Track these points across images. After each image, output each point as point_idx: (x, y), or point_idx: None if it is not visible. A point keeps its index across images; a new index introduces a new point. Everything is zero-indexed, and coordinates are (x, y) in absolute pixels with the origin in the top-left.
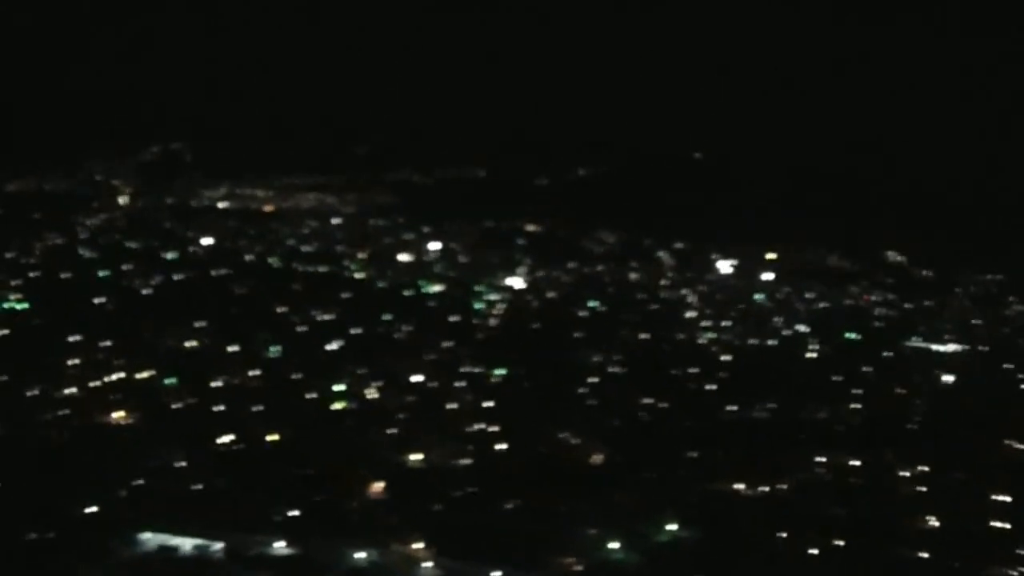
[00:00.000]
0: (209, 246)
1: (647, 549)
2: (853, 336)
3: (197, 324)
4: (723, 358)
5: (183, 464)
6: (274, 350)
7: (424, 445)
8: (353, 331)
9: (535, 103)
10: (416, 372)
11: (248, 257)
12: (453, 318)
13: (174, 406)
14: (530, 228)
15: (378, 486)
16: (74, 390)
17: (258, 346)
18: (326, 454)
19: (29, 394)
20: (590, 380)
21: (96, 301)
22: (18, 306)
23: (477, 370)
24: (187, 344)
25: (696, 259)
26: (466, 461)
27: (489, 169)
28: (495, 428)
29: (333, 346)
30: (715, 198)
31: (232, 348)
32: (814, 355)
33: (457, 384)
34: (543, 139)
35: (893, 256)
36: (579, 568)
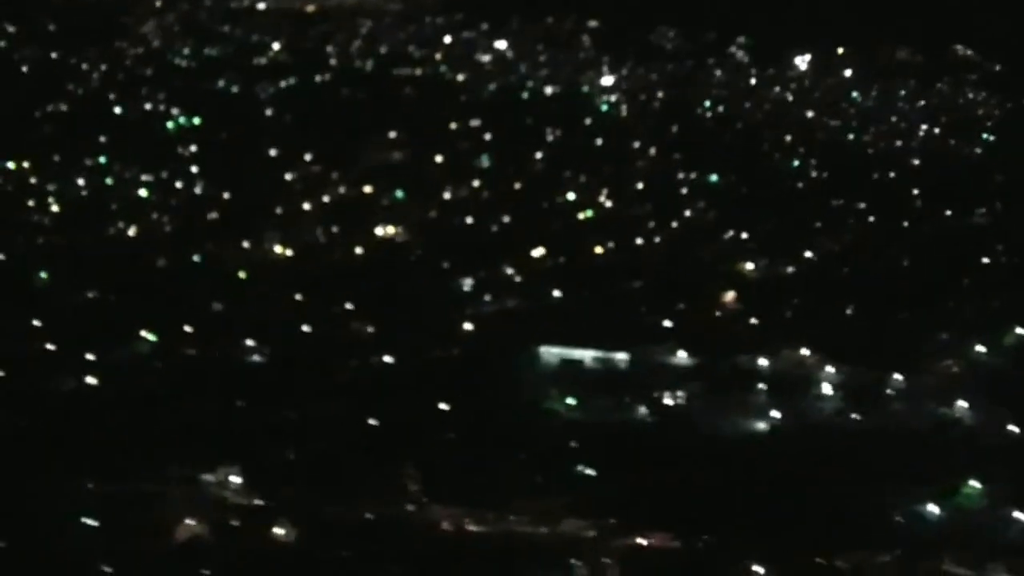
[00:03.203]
0: (285, 50)
1: None
2: (991, 138)
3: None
4: (913, 162)
5: None
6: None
7: None
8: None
9: None
10: (635, 180)
11: (333, 62)
12: (587, 120)
13: None
14: (592, 24)
15: None
16: None
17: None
18: None
19: None
20: (799, 185)
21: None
22: (191, 123)
23: (692, 175)
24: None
25: (768, 54)
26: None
27: None
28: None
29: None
30: None
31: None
32: (973, 160)
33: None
34: None
35: (962, 50)
36: None
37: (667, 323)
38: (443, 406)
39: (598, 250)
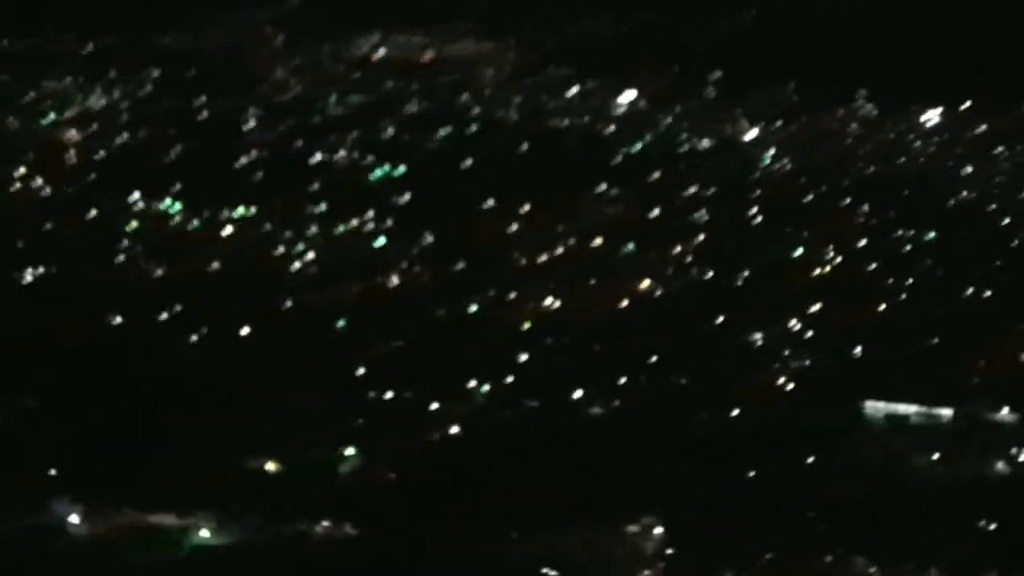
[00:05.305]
0: (425, 99)
1: None
2: None
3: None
4: None
5: None
6: (702, 215)
7: None
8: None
9: None
10: (854, 237)
11: (476, 110)
12: (756, 174)
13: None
14: (715, 76)
15: None
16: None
17: (685, 213)
18: None
19: None
20: (1012, 244)
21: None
22: (395, 172)
23: (909, 233)
24: (608, 210)
25: (893, 107)
26: None
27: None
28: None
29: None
30: (878, 38)
31: (655, 211)
32: None
33: (903, 249)
34: None
35: None
36: None
37: (975, 380)
38: (810, 459)
39: (881, 307)
